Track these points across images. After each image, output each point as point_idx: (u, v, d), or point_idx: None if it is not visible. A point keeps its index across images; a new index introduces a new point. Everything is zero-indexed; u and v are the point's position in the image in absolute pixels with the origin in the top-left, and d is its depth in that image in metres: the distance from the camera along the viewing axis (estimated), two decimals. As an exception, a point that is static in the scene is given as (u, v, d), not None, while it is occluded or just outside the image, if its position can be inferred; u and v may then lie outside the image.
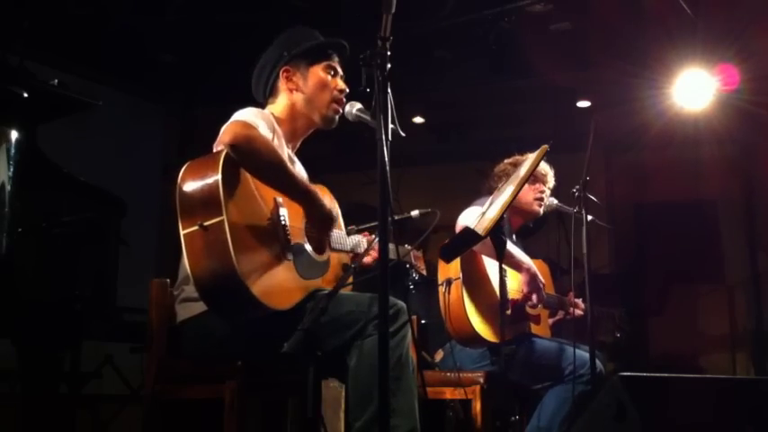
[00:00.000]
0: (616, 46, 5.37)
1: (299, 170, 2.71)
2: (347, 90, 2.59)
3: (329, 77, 2.60)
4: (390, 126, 1.91)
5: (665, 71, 5.25)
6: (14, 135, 2.71)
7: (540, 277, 3.39)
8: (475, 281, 3.27)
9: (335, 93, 2.59)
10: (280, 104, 2.61)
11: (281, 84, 2.60)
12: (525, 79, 5.83)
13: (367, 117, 2.29)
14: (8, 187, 2.63)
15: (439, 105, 6.87)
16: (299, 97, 2.59)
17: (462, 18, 5.10)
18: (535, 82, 5.91)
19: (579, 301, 3.61)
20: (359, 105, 2.45)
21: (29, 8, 4.74)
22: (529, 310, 3.44)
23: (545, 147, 2.79)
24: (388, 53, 1.89)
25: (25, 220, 2.65)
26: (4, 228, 2.58)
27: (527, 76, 5.65)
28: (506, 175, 3.55)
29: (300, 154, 2.75)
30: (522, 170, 2.82)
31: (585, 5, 5.11)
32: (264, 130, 2.35)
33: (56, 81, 2.95)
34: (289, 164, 2.38)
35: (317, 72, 2.60)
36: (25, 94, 2.81)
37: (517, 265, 3.34)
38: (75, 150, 4.40)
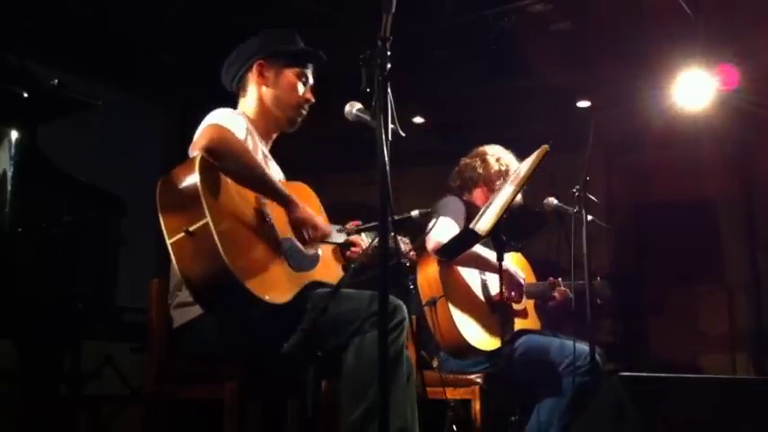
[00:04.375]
0: (616, 46, 5.37)
1: (275, 169, 2.72)
2: (312, 101, 2.63)
3: (300, 84, 2.64)
4: (390, 126, 1.91)
5: (665, 71, 5.24)
6: (14, 135, 2.71)
7: (518, 272, 3.39)
8: (457, 294, 3.25)
9: (302, 99, 2.64)
10: (250, 99, 2.64)
11: (252, 76, 2.63)
12: (525, 79, 5.83)
13: (367, 117, 2.29)
14: (8, 187, 2.63)
15: (439, 105, 6.87)
16: (267, 93, 2.62)
17: (462, 18, 5.10)
18: (535, 82, 5.90)
19: (559, 280, 3.61)
20: (359, 105, 2.45)
21: (29, 8, 4.74)
22: (514, 306, 3.44)
23: (545, 147, 2.79)
24: (388, 53, 1.89)
25: (25, 219, 2.65)
26: (4, 227, 2.58)
27: (527, 76, 5.64)
28: (461, 177, 3.55)
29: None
30: (523, 170, 2.83)
31: (585, 5, 5.11)
32: (239, 132, 2.37)
33: (56, 81, 2.95)
34: (264, 165, 2.39)
35: (290, 75, 2.64)
36: (25, 94, 2.81)
37: (492, 267, 3.31)
38: (76, 150, 4.40)
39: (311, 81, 2.68)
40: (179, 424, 2.52)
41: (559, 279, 3.62)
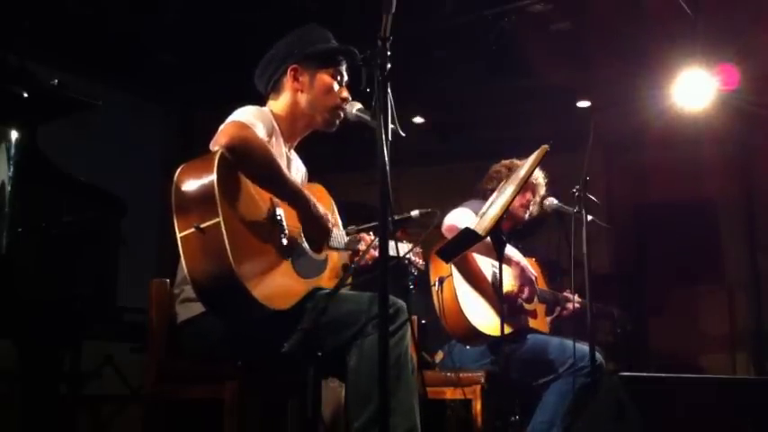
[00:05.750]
0: (616, 46, 5.37)
1: (298, 166, 2.71)
2: (350, 99, 2.57)
3: (335, 84, 2.59)
4: (390, 126, 1.91)
5: (665, 71, 5.24)
6: (14, 135, 2.71)
7: (531, 270, 3.41)
8: (467, 277, 3.29)
9: (339, 100, 2.57)
10: (282, 101, 2.60)
11: (287, 81, 2.58)
12: (525, 79, 5.83)
13: (367, 117, 2.29)
14: (8, 187, 2.63)
15: (439, 105, 6.87)
16: (303, 98, 2.58)
17: (462, 18, 5.10)
18: (535, 82, 5.91)
19: (575, 296, 3.62)
20: (359, 105, 2.45)
21: (29, 8, 4.74)
22: (525, 305, 3.45)
23: (545, 147, 2.79)
24: (388, 53, 1.89)
25: (25, 220, 2.64)
26: (4, 227, 2.58)
27: (527, 76, 5.65)
28: (499, 179, 3.58)
29: (301, 154, 2.75)
30: (522, 171, 2.83)
31: (585, 5, 5.11)
32: (261, 131, 2.34)
33: (56, 81, 2.94)
34: (284, 167, 2.36)
35: (325, 76, 2.58)
36: (25, 94, 2.80)
37: (506, 260, 3.34)
38: (76, 150, 4.41)
39: (346, 78, 2.62)
40: (179, 424, 2.52)
41: (576, 296, 3.62)
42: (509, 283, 3.40)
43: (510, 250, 3.34)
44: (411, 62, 5.25)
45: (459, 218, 3.25)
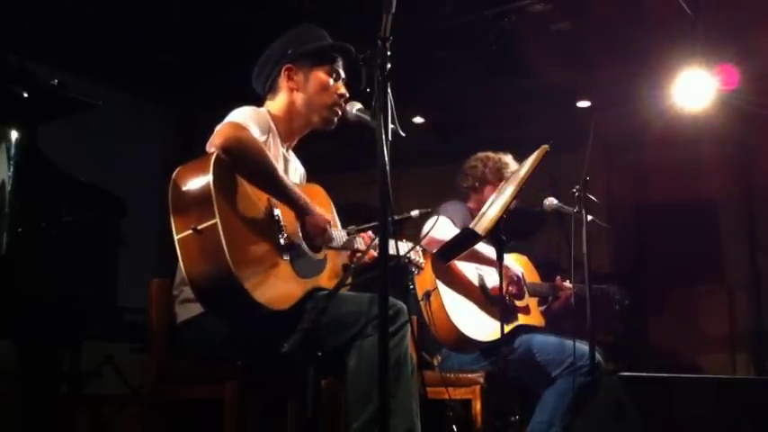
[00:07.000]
0: (616, 46, 5.37)
1: (296, 166, 2.71)
2: (347, 95, 2.57)
3: (331, 81, 2.58)
4: (390, 126, 1.91)
5: (665, 71, 5.24)
6: (14, 135, 2.71)
7: (518, 267, 3.41)
8: (452, 286, 3.29)
9: (335, 97, 2.57)
10: (279, 102, 2.60)
11: (282, 81, 2.58)
12: (525, 79, 5.83)
13: (367, 117, 2.29)
14: (8, 187, 2.63)
15: (439, 105, 6.87)
16: (298, 97, 2.58)
17: (462, 18, 5.10)
18: (535, 82, 5.91)
19: (566, 283, 3.62)
20: (359, 105, 2.44)
21: (29, 8, 4.75)
22: (516, 302, 3.46)
23: (545, 147, 2.80)
24: (388, 53, 1.89)
25: (25, 220, 2.64)
26: (4, 227, 2.58)
27: (527, 76, 5.64)
28: (474, 176, 3.59)
29: (300, 153, 2.75)
30: (523, 171, 2.83)
31: (585, 5, 5.11)
32: (257, 132, 2.34)
33: (56, 81, 2.94)
34: (279, 168, 2.36)
35: (320, 74, 2.58)
36: (25, 94, 2.80)
37: (488, 261, 3.35)
38: (76, 150, 4.40)
39: (342, 75, 2.61)
40: (179, 424, 2.52)
41: (567, 282, 3.62)
42: (493, 283, 3.40)
43: (485, 249, 3.33)
44: (411, 62, 5.25)
45: (438, 229, 3.21)
